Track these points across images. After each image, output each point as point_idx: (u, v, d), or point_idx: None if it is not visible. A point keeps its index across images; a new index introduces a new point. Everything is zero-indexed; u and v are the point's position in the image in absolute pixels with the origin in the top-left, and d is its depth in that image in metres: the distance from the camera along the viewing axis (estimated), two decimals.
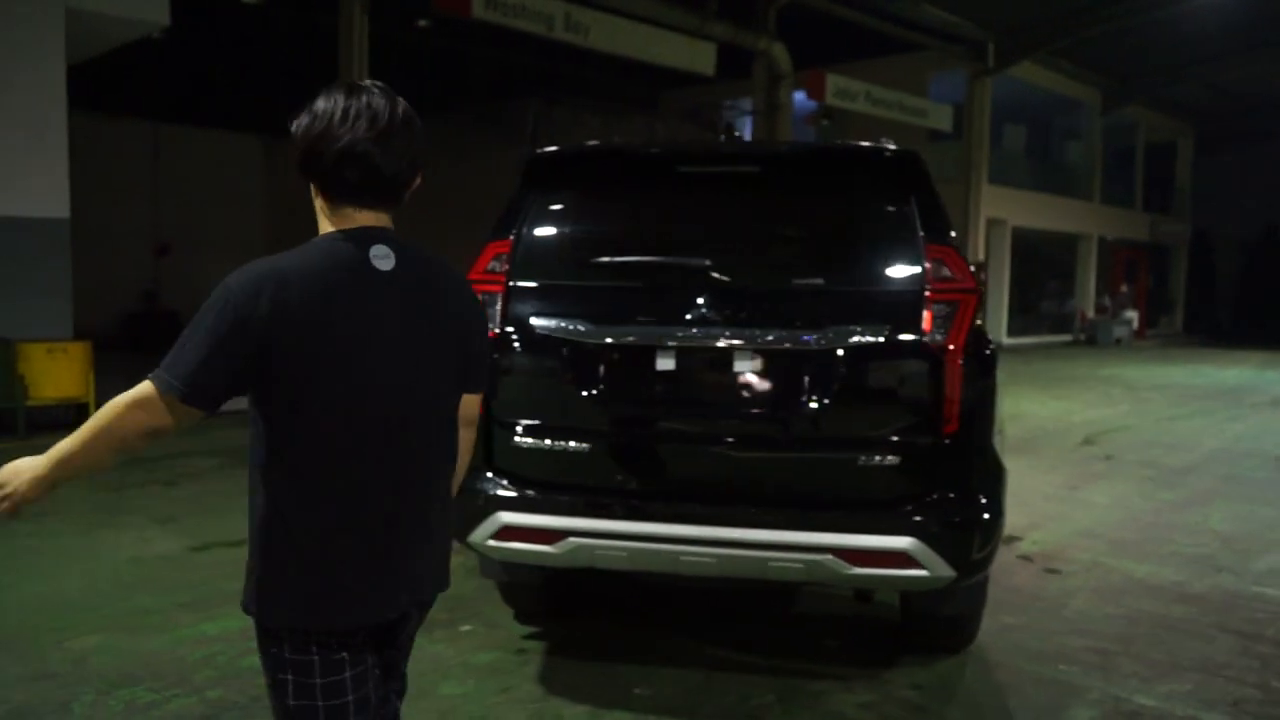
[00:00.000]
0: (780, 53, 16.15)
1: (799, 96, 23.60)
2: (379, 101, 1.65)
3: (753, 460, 3.09)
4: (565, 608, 4.23)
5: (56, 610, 4.24)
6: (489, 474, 3.23)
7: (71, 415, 8.89)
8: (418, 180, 1.73)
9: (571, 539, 3.07)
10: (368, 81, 1.71)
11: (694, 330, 3.03)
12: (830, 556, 2.93)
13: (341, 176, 1.64)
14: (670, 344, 3.05)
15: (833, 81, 17.49)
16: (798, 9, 16.18)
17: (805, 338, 2.99)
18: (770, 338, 3.00)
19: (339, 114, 1.62)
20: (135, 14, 9.54)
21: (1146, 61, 23.99)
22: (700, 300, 3.04)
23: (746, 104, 25.47)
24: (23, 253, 8.79)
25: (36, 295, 8.87)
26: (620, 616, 4.28)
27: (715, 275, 3.10)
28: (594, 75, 20.20)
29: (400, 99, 1.70)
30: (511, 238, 3.27)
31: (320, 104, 1.66)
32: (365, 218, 1.68)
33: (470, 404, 1.88)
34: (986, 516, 3.00)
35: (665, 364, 3.06)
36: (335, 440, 1.62)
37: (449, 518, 1.86)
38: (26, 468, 1.71)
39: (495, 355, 3.17)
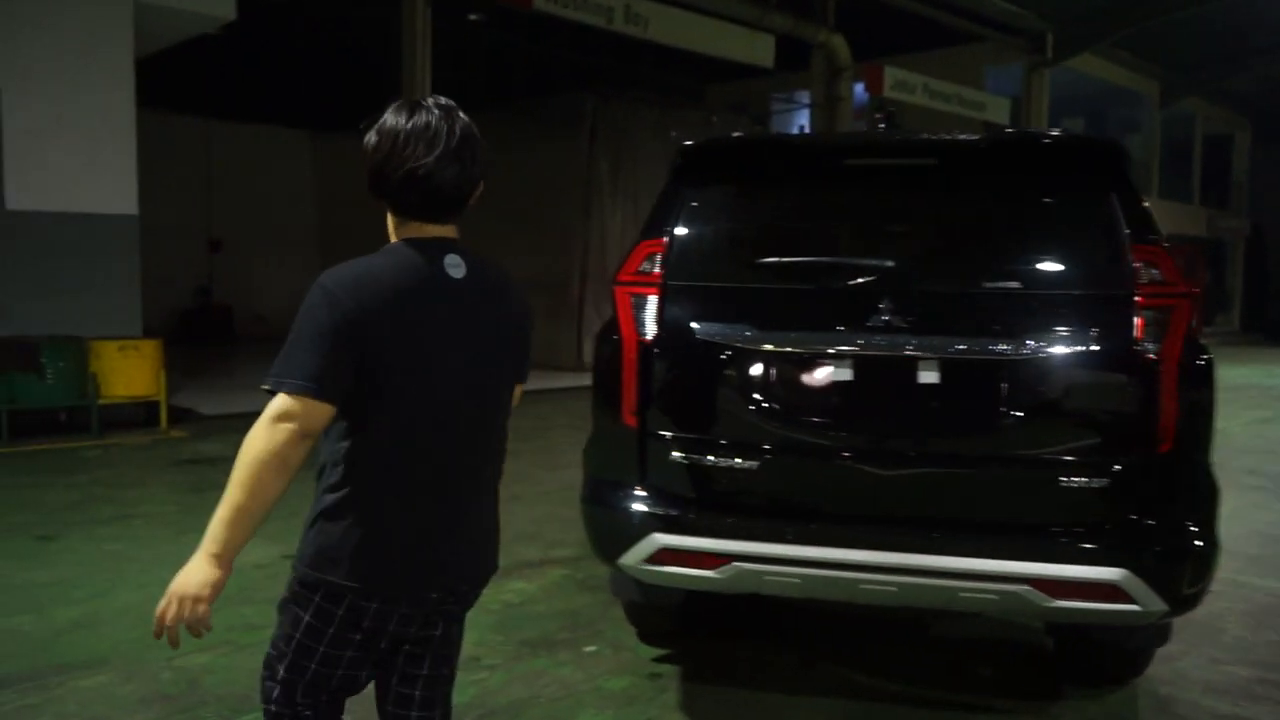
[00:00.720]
0: (840, 44, 15.81)
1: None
2: (439, 122, 1.72)
3: (939, 480, 2.83)
4: (693, 628, 4.00)
5: None
6: (642, 491, 2.99)
7: (142, 414, 8.79)
8: (479, 190, 1.81)
9: (737, 564, 2.83)
10: (430, 100, 1.77)
11: (873, 338, 2.78)
12: (1027, 588, 2.67)
13: (407, 198, 1.75)
14: (847, 352, 2.80)
15: (890, 74, 17.12)
16: (854, 0, 15.85)
17: (999, 346, 2.73)
18: (960, 346, 2.74)
19: (401, 137, 1.71)
20: (202, 8, 9.42)
21: (1207, 52, 23.39)
22: (880, 305, 2.79)
23: (796, 98, 25.15)
24: (93, 250, 8.70)
25: (106, 292, 8.78)
26: (751, 637, 4.04)
27: (897, 278, 2.85)
28: (640, 69, 19.97)
29: (460, 115, 1.77)
30: (665, 236, 3.02)
31: (387, 123, 1.75)
32: (433, 230, 1.78)
33: (516, 394, 2.02)
34: (1202, 545, 2.72)
35: (841, 374, 2.81)
36: (406, 430, 1.73)
37: (497, 507, 1.97)
38: (194, 577, 1.77)
39: (650, 362, 2.94)
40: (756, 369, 2.87)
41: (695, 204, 3.05)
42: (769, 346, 2.84)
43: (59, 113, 8.47)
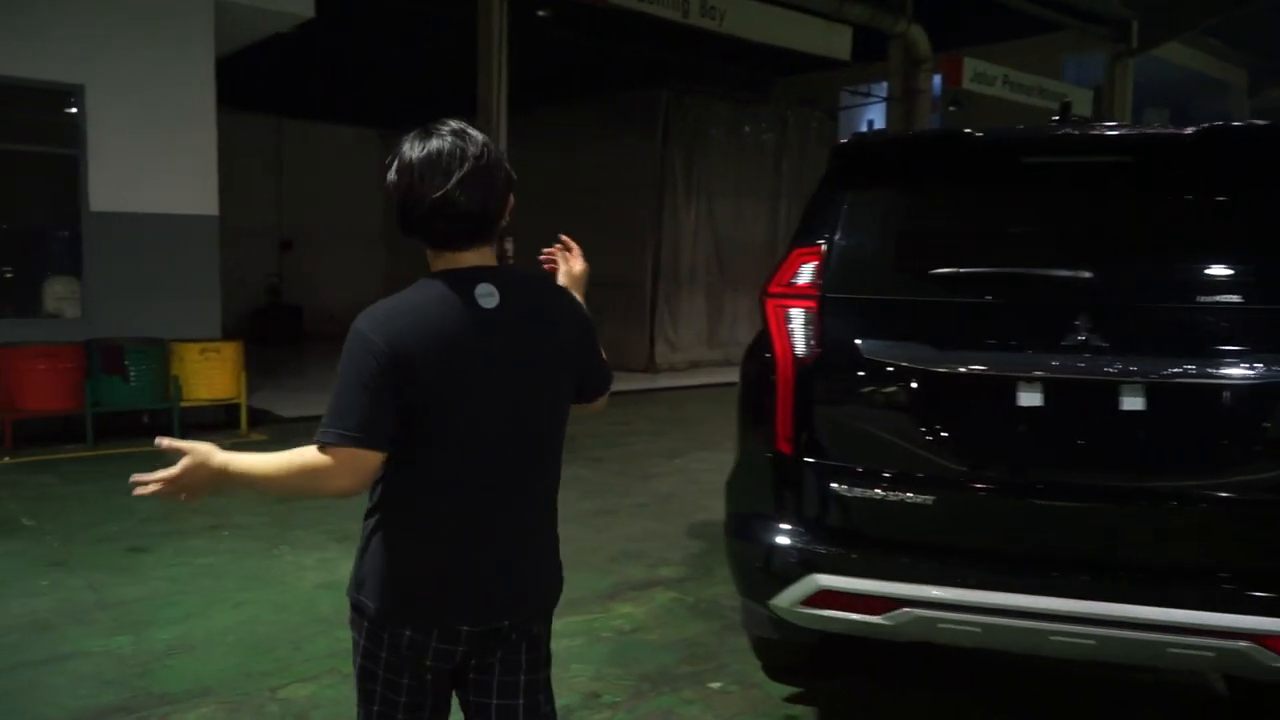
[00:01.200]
0: (919, 35, 15.31)
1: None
2: (453, 146, 1.71)
3: (1145, 521, 2.51)
4: (822, 664, 3.70)
5: (256, 649, 3.87)
6: (799, 527, 2.71)
7: (222, 416, 8.72)
8: (510, 206, 1.81)
9: (908, 609, 2.53)
10: (443, 125, 1.76)
11: (1069, 359, 2.46)
12: (1252, 644, 2.33)
13: (434, 227, 1.74)
14: (1039, 375, 2.48)
15: (970, 65, 16.59)
16: None
17: (1219, 369, 2.39)
18: (1172, 369, 2.41)
19: (418, 169, 1.70)
20: (282, 5, 9.32)
21: None
22: (1076, 322, 2.46)
23: (865, 91, 24.58)
24: (173, 250, 8.65)
25: (187, 294, 8.72)
26: (881, 675, 3.73)
27: (1094, 290, 2.52)
28: (704, 63, 19.58)
29: (473, 135, 1.75)
30: (821, 244, 2.73)
31: (403, 157, 1.74)
32: (468, 258, 1.77)
33: (600, 402, 2.04)
34: None
35: (1031, 399, 2.50)
36: (444, 465, 1.73)
37: (554, 537, 1.93)
38: (210, 469, 1.74)
39: (808, 383, 2.65)
40: (932, 392, 2.57)
41: (855, 207, 2.75)
42: (947, 368, 2.54)
43: (141, 112, 8.43)
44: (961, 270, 2.59)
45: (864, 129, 26.17)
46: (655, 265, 14.16)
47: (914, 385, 2.57)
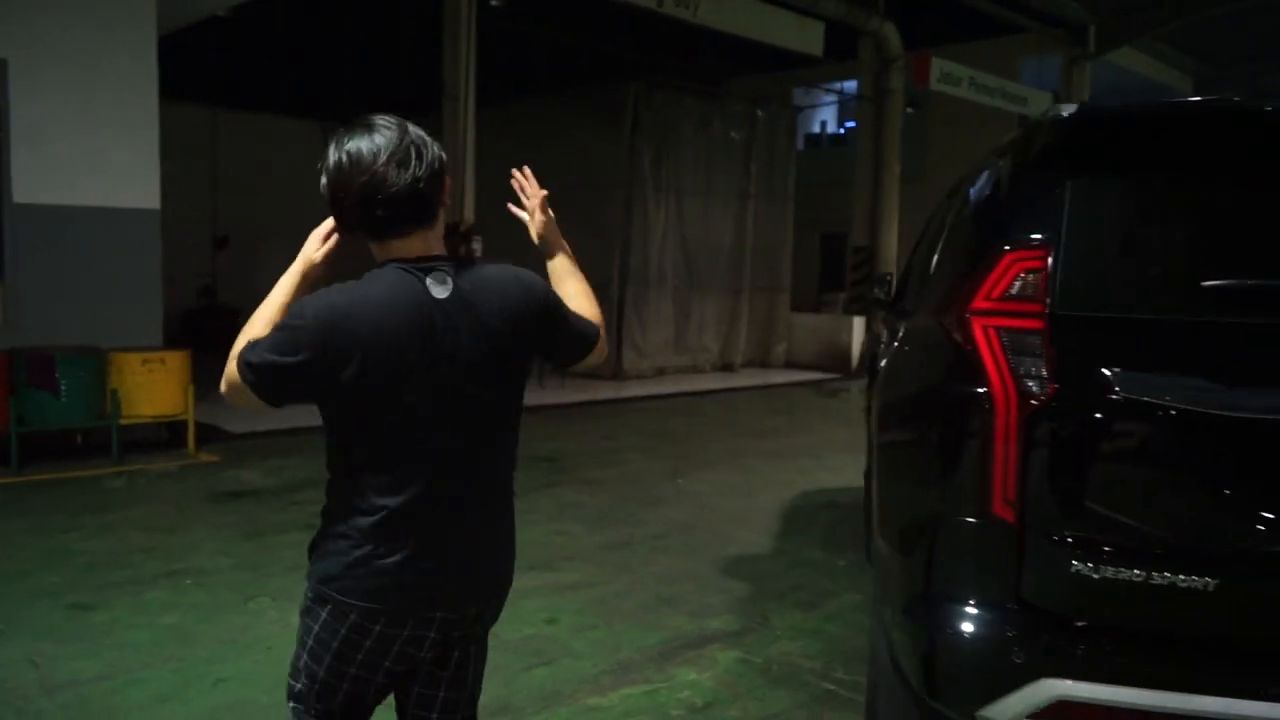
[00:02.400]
0: (891, 33, 14.93)
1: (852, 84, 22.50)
2: (374, 135, 1.73)
3: None
4: None
5: None
6: (1022, 614, 2.07)
7: (164, 433, 7.80)
8: (446, 187, 1.80)
9: None
10: (369, 117, 1.77)
11: None
12: None
13: (368, 214, 1.74)
14: None
15: (937, 65, 16.22)
16: None
17: None
18: None
19: (345, 161, 1.72)
20: None
21: (1242, 47, 22.70)
22: None
23: (814, 93, 24.24)
24: (109, 248, 7.71)
25: (125, 297, 7.80)
26: None
27: None
28: (655, 59, 18.94)
29: (397, 123, 1.76)
30: (1046, 245, 2.10)
31: (329, 159, 1.76)
32: (412, 245, 1.77)
33: (593, 360, 2.03)
34: None
35: None
36: (388, 456, 1.74)
37: (508, 524, 1.92)
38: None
39: (1041, 429, 2.02)
40: (1216, 443, 1.95)
41: (1085, 196, 2.12)
42: (1234, 413, 1.92)
43: (73, 92, 7.47)
44: (1251, 282, 1.98)
45: (816, 130, 25.91)
46: (623, 267, 13.49)
47: (1192, 434, 1.95)
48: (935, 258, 3.13)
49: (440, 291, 1.73)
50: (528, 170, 2.14)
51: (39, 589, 4.47)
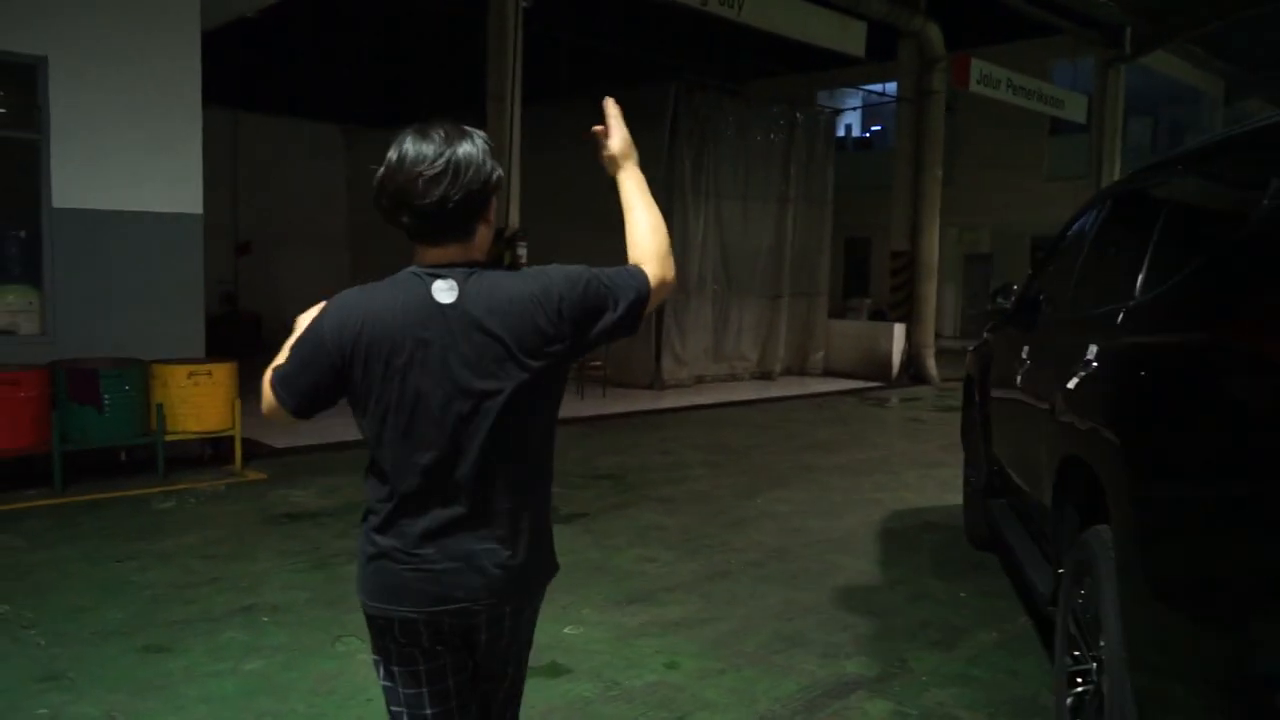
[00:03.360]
0: (934, 33, 14.56)
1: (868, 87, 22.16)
2: (426, 143, 1.76)
3: None
4: None
5: None
6: None
7: (208, 449, 7.42)
8: (486, 210, 1.82)
9: None
10: (434, 124, 1.80)
11: None
12: None
13: (398, 221, 1.79)
14: None
15: (977, 67, 15.83)
16: None
17: None
18: None
19: (393, 162, 1.77)
20: None
21: (1274, 49, 22.32)
22: None
23: (839, 96, 23.91)
24: (152, 254, 7.34)
25: (166, 305, 7.42)
26: None
27: None
28: (676, 63, 18.63)
29: (449, 134, 1.78)
30: None
31: (390, 150, 1.79)
32: (435, 254, 1.81)
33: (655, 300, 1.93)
34: None
35: None
36: (400, 453, 1.77)
37: (528, 527, 1.85)
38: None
39: None
40: None
41: None
42: None
43: (115, 92, 7.11)
44: None
45: (841, 134, 25.54)
46: None
47: None
48: (1144, 272, 2.76)
49: (445, 296, 1.76)
50: (609, 108, 2.13)
51: (104, 628, 4.08)
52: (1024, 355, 4.06)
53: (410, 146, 1.75)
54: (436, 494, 1.78)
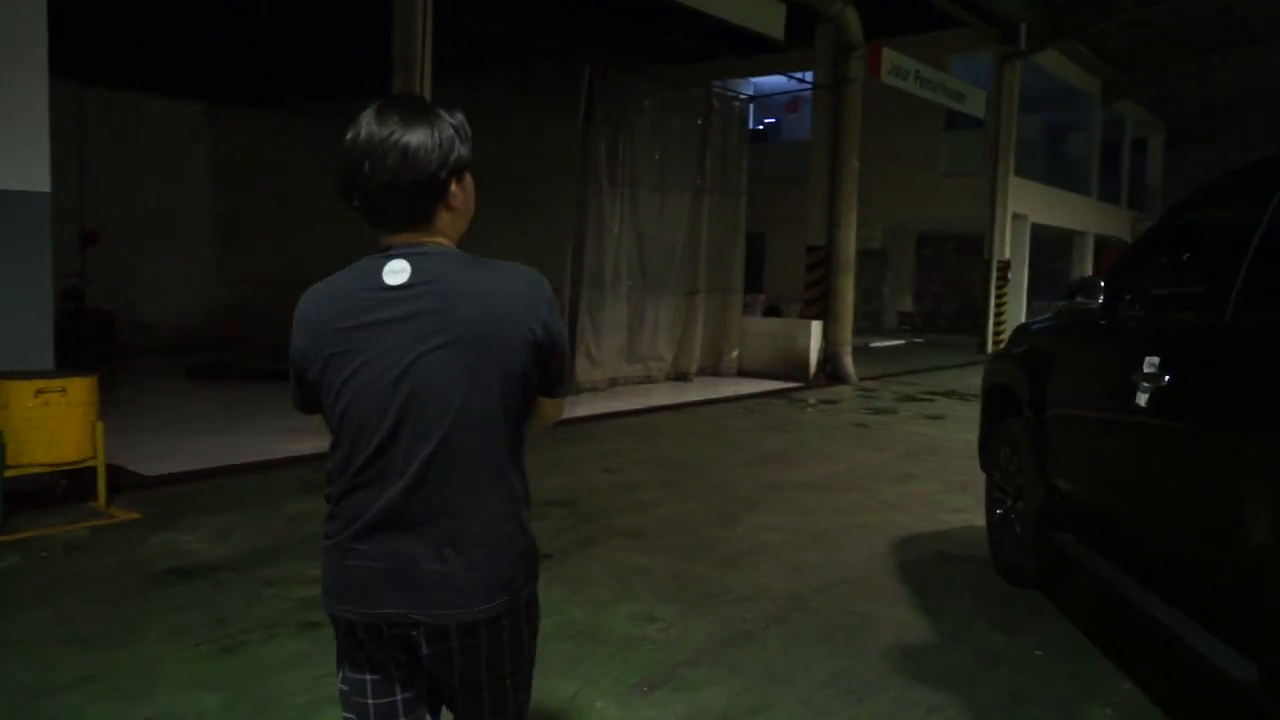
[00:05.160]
0: (853, 19, 13.98)
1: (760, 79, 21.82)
2: (380, 122, 1.68)
3: None
4: None
5: None
6: None
7: (63, 483, 6.01)
8: (444, 194, 1.72)
9: None
10: (396, 99, 1.75)
11: None
12: None
13: (351, 204, 1.73)
14: None
15: (888, 57, 15.44)
16: None
17: None
18: None
19: (346, 145, 1.70)
20: None
21: (1150, 52, 22.95)
22: None
23: (733, 85, 23.33)
24: None
25: (7, 306, 5.97)
26: None
27: None
28: (567, 48, 17.57)
29: (403, 119, 1.68)
30: None
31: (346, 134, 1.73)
32: (397, 239, 1.72)
33: (546, 408, 1.83)
34: None
35: None
36: (344, 444, 1.71)
37: (477, 534, 1.70)
38: None
39: None
40: None
41: None
42: None
43: None
44: None
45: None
46: (577, 268, 12.08)
47: None
48: None
49: (394, 279, 1.67)
50: None
51: None
52: (1153, 369, 3.27)
53: (364, 128, 1.68)
54: (375, 488, 1.68)
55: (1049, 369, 4.39)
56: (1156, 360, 3.28)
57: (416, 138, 1.67)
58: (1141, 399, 3.31)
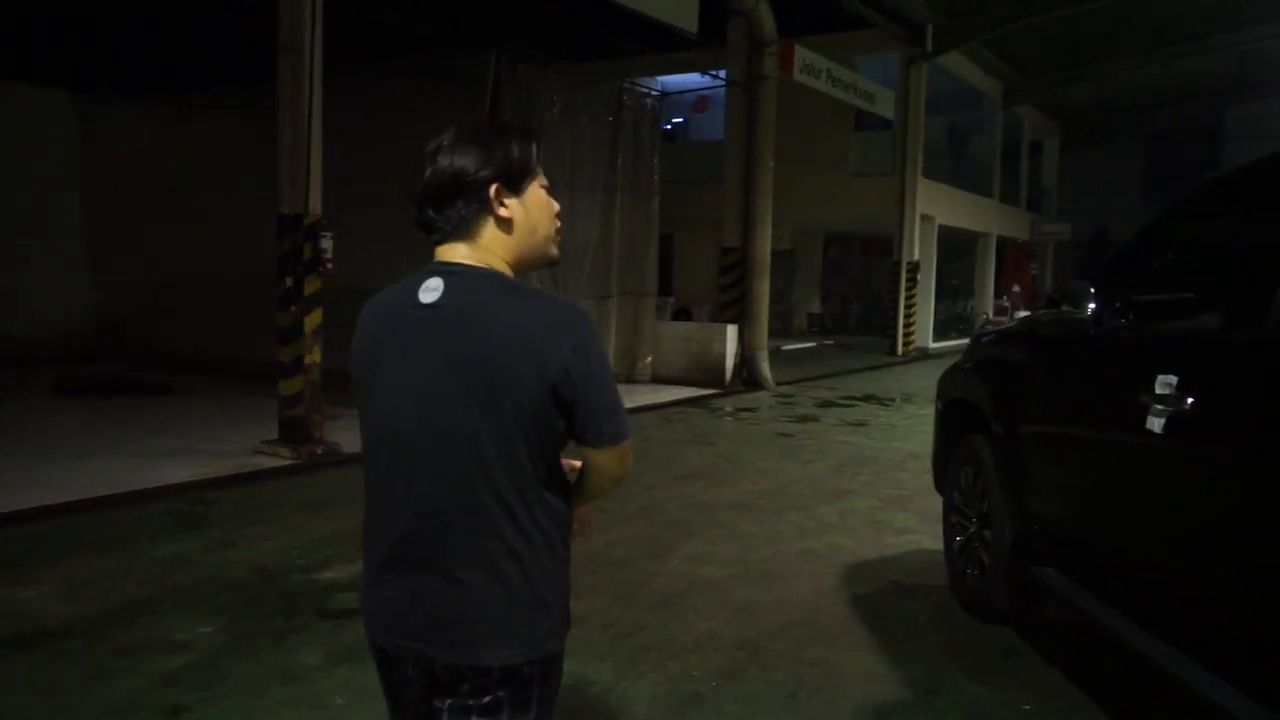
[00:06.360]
0: (767, 15, 13.62)
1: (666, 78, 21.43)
2: (431, 143, 1.73)
3: None
4: None
5: None
6: None
7: None
8: (484, 207, 1.68)
9: None
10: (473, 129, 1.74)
11: None
12: None
13: (412, 214, 1.74)
14: None
15: (800, 55, 15.13)
16: None
17: None
18: None
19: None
20: None
21: (1048, 57, 23.36)
22: None
23: (644, 83, 22.85)
24: None
25: None
26: None
27: None
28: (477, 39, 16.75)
29: (457, 133, 1.72)
30: None
31: None
32: (440, 252, 1.72)
33: (594, 460, 1.72)
34: None
35: None
36: (367, 461, 1.72)
37: (494, 576, 1.62)
38: None
39: None
40: None
41: None
42: None
43: None
44: None
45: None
46: None
47: None
48: None
49: (428, 296, 1.65)
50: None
51: None
52: (1170, 389, 2.83)
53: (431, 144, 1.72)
54: (387, 516, 1.67)
55: (1025, 383, 3.95)
56: (1173, 380, 2.83)
57: (463, 142, 1.68)
58: (1155, 423, 2.86)
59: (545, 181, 1.77)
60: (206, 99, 13.74)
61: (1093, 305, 3.44)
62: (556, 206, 1.80)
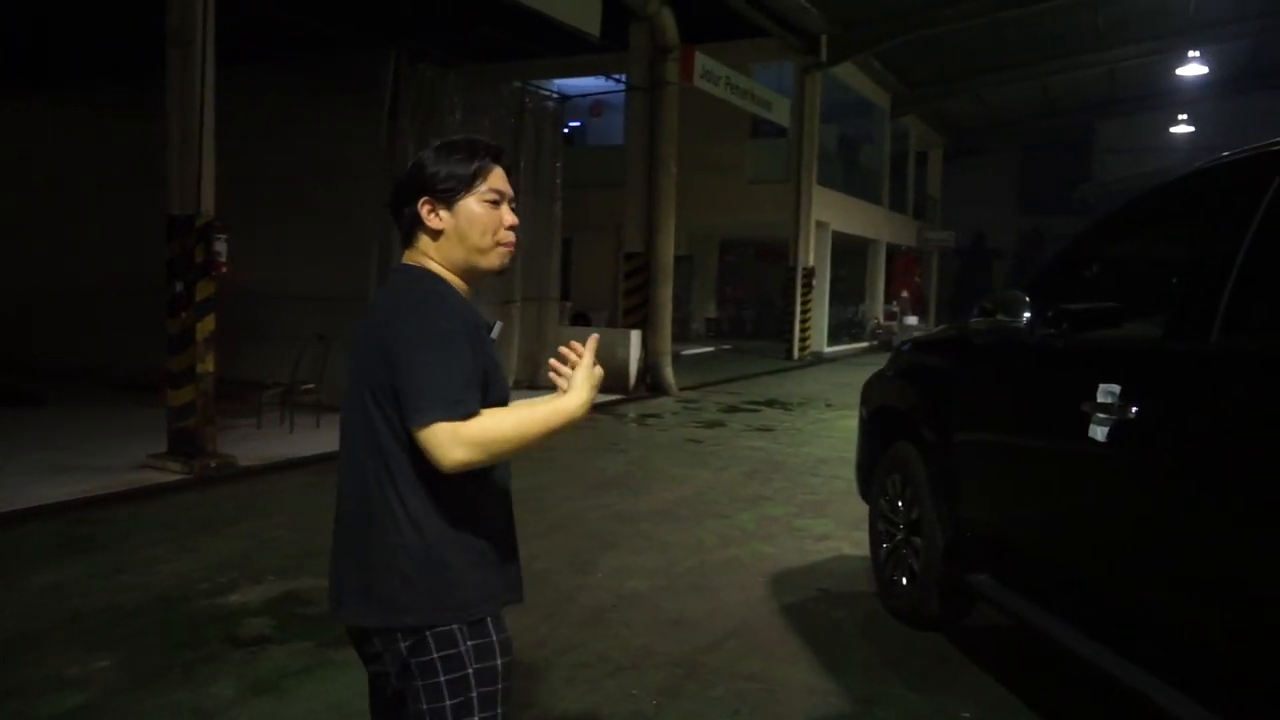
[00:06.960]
0: (669, 20, 13.62)
1: (564, 81, 21.36)
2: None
3: None
4: None
5: None
6: None
7: None
8: (418, 211, 1.82)
9: None
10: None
11: None
12: None
13: None
14: None
15: (700, 61, 15.22)
16: None
17: None
18: None
19: None
20: None
21: (933, 69, 24.16)
22: None
23: (545, 85, 22.67)
24: None
25: None
26: None
27: None
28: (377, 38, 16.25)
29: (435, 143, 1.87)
30: None
31: None
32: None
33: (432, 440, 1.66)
34: None
35: None
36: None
37: (374, 544, 1.75)
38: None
39: None
40: None
41: None
42: None
43: None
44: None
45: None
46: (381, 277, 11.02)
47: None
48: None
49: (375, 298, 1.85)
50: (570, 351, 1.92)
51: None
52: (1113, 398, 2.86)
53: None
54: (340, 500, 1.84)
55: (958, 391, 3.98)
56: (1116, 389, 2.87)
57: (423, 156, 1.84)
58: (1098, 431, 2.89)
59: (495, 196, 1.84)
60: (82, 91, 12.97)
61: (1027, 314, 3.47)
62: (508, 220, 1.86)
